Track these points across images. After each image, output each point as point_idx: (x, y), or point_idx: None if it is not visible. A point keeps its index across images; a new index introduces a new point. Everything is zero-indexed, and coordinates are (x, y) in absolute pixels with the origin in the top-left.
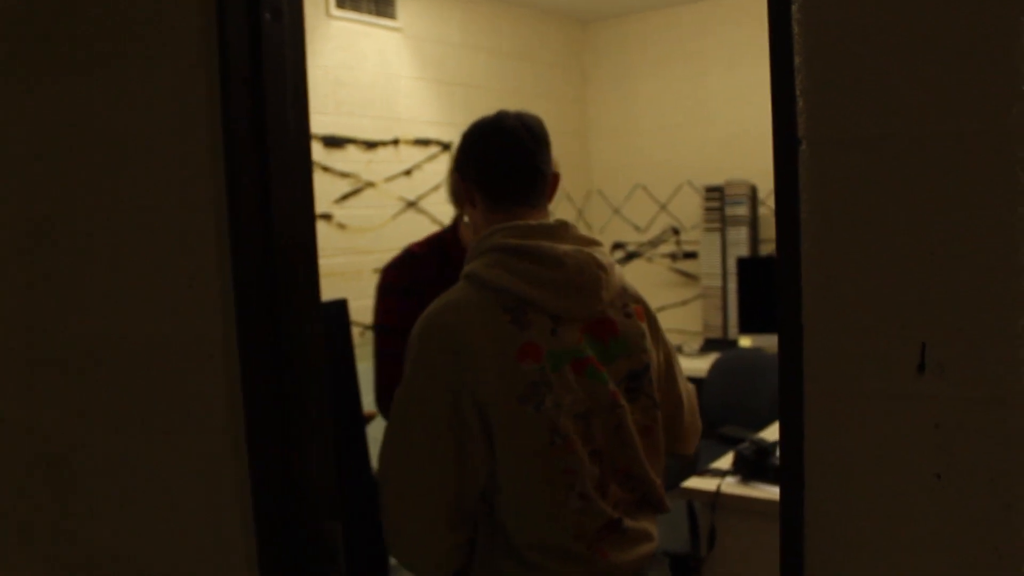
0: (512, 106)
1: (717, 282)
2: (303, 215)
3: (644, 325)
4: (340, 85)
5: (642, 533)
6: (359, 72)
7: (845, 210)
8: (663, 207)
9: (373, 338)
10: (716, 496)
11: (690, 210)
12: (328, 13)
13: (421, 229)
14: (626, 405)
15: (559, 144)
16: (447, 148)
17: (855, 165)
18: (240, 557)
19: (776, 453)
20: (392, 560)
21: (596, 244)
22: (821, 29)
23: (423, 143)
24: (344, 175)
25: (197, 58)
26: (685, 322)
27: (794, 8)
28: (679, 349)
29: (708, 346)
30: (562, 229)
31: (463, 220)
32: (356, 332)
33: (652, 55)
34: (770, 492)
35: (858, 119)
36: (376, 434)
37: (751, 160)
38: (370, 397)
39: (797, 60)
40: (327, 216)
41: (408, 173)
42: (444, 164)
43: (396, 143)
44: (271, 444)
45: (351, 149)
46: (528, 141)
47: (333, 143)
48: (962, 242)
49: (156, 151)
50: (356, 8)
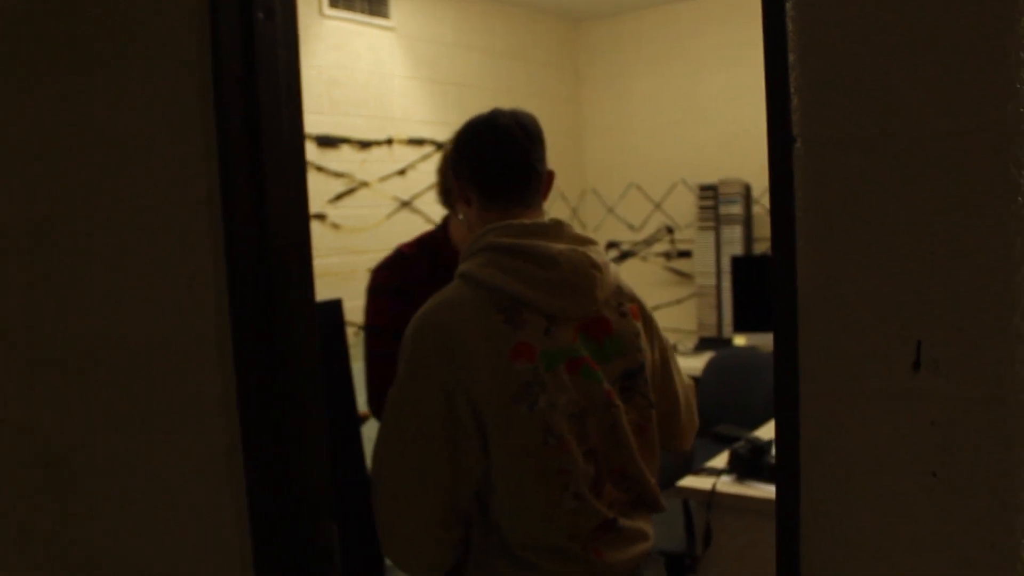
0: (506, 105)
1: (711, 281)
2: (297, 215)
3: (639, 324)
4: (334, 84)
5: (637, 532)
6: (352, 71)
7: (840, 208)
8: (657, 206)
9: (364, 339)
10: (712, 495)
11: (684, 209)
12: (321, 12)
13: (415, 229)
14: (621, 404)
15: (553, 143)
16: (441, 148)
17: (850, 163)
18: (236, 557)
19: (771, 451)
20: (387, 560)
21: (591, 243)
22: (815, 27)
23: (417, 142)
24: (338, 175)
25: (190, 57)
26: (679, 321)
27: (788, 6)
28: (674, 348)
29: (702, 345)
30: (557, 228)
31: (453, 219)
32: (351, 332)
33: (646, 54)
34: (765, 491)
35: (853, 117)
36: (371, 434)
37: (745, 159)
38: (364, 397)
39: (791, 58)
40: (321, 216)
41: (402, 173)
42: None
43: (390, 143)
44: (266, 444)
45: (345, 149)
46: (522, 139)
47: (327, 143)
48: (957, 240)
49: (154, 151)
50: (349, 7)
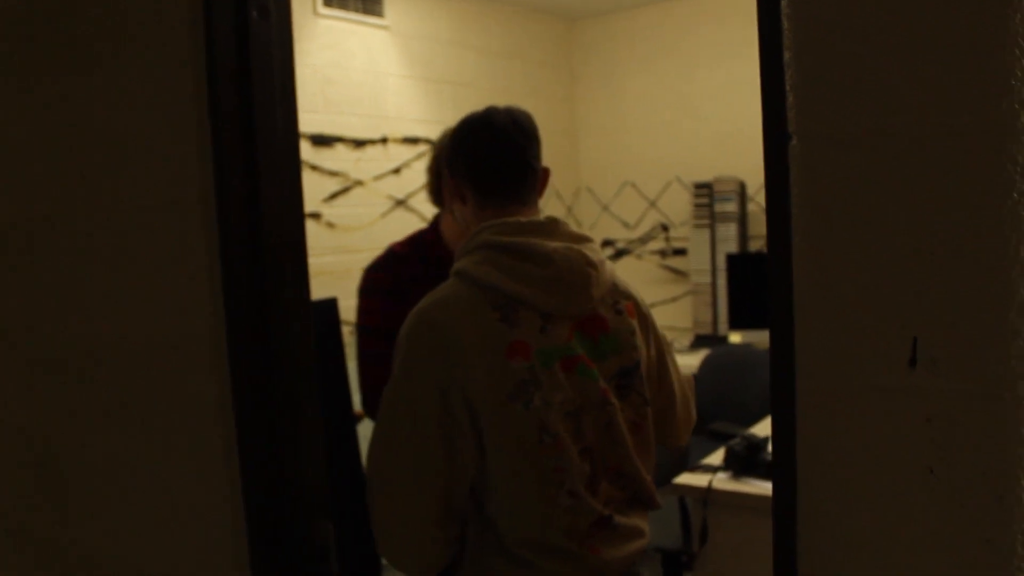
0: (501, 104)
1: (707, 278)
2: (292, 214)
3: (635, 322)
4: (328, 83)
5: (633, 530)
6: (347, 70)
7: (836, 205)
8: (652, 204)
9: (356, 340)
10: (708, 492)
11: (679, 207)
12: (315, 11)
13: (410, 227)
14: (616, 402)
15: (548, 142)
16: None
17: (845, 160)
18: (232, 556)
19: (767, 448)
20: (384, 559)
21: (587, 240)
22: (811, 24)
23: (411, 141)
24: (333, 174)
25: (185, 56)
26: (675, 319)
27: (783, 3)
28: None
29: (698, 342)
30: (552, 226)
31: (445, 218)
32: (346, 331)
33: (640, 52)
34: (761, 487)
35: (848, 114)
36: (367, 433)
37: (740, 156)
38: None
39: (787, 55)
40: (316, 215)
41: (397, 171)
42: None
43: (384, 141)
44: (262, 443)
45: (339, 148)
46: (518, 137)
47: (321, 142)
48: (952, 236)
49: (150, 151)
50: (343, 6)
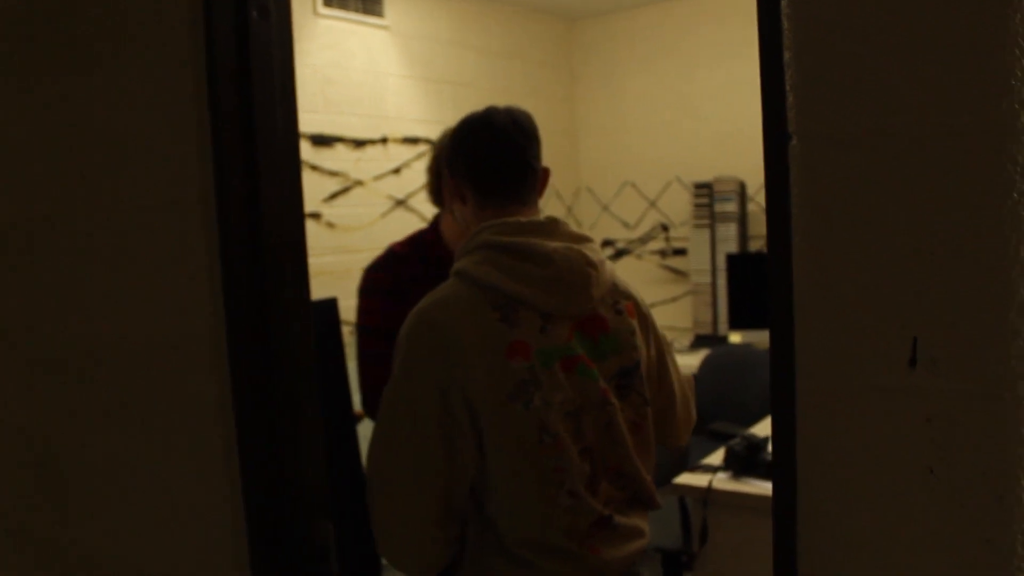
0: (501, 104)
1: (707, 278)
2: (292, 214)
3: (634, 322)
4: (328, 83)
5: (633, 530)
6: (347, 70)
7: (836, 205)
8: (652, 204)
9: (356, 341)
10: (708, 492)
11: (679, 207)
12: (315, 12)
13: (410, 227)
14: (616, 403)
15: (548, 142)
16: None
17: (846, 160)
18: (232, 557)
19: (767, 448)
20: (384, 559)
21: (587, 240)
22: (811, 24)
23: (412, 141)
24: (332, 174)
25: (185, 56)
26: (675, 319)
27: (783, 3)
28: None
29: (698, 342)
30: (552, 226)
31: (444, 217)
32: (346, 331)
33: (640, 52)
34: (761, 487)
35: (849, 114)
36: (367, 433)
37: (740, 156)
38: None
39: (787, 55)
40: (316, 215)
41: (397, 171)
42: None
43: (384, 141)
44: (262, 443)
45: (339, 148)
46: (518, 137)
47: (321, 142)
48: (953, 237)
49: (151, 151)
50: (343, 6)
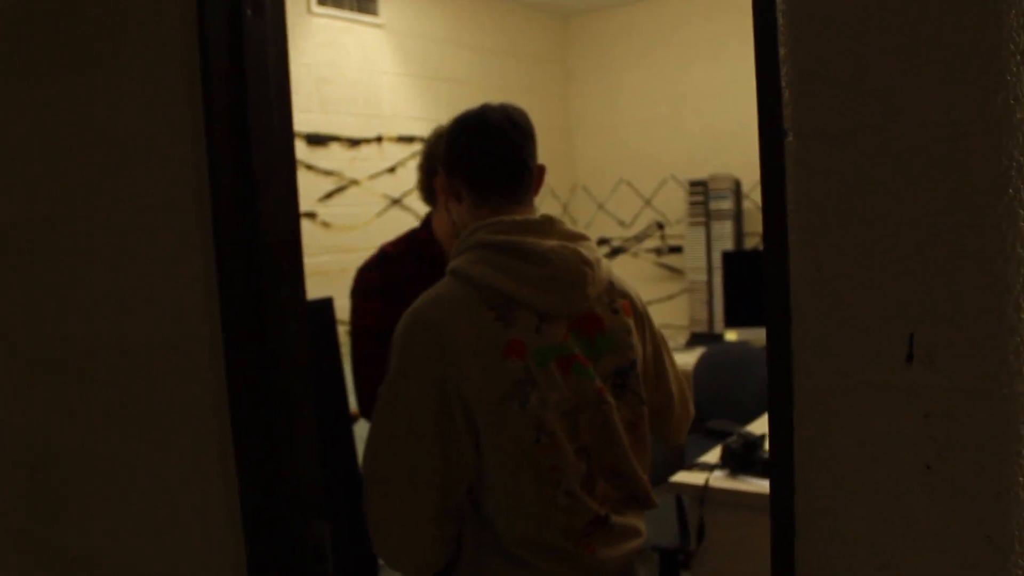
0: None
1: (702, 276)
2: (287, 213)
3: (631, 321)
4: (322, 82)
5: (630, 529)
6: (341, 69)
7: (832, 202)
8: (647, 202)
9: (350, 342)
10: (704, 490)
11: (674, 205)
12: (310, 10)
13: (406, 226)
14: (612, 401)
15: (543, 139)
16: None
17: (841, 157)
18: (229, 557)
19: (763, 446)
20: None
21: (583, 239)
22: (806, 20)
23: (407, 140)
24: (328, 173)
25: (179, 55)
26: (671, 317)
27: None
28: None
29: (694, 340)
30: (547, 224)
31: (436, 215)
32: (342, 331)
33: (635, 49)
34: (758, 485)
35: (844, 110)
36: (363, 433)
37: (735, 154)
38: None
39: (782, 51)
40: (311, 214)
41: (392, 170)
42: None
43: (379, 140)
44: (257, 443)
45: (334, 147)
46: (513, 135)
47: (316, 141)
48: (949, 232)
49: (147, 150)
50: (338, 5)
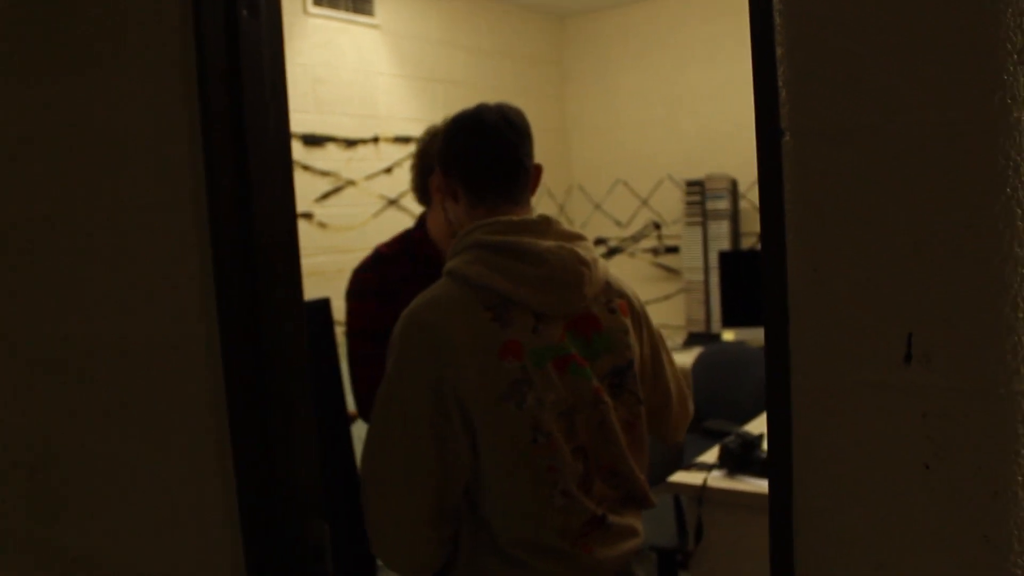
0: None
1: (699, 276)
2: (284, 214)
3: (627, 320)
4: (318, 83)
5: (627, 529)
6: (337, 70)
7: (829, 201)
8: (644, 202)
9: (347, 344)
10: (702, 490)
11: (671, 205)
12: (306, 10)
13: (402, 227)
14: (609, 401)
15: (539, 140)
16: None
17: (839, 156)
18: (227, 557)
19: (761, 446)
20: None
21: (580, 239)
22: (803, 20)
23: (403, 140)
24: (324, 173)
25: (176, 56)
26: (668, 316)
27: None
28: None
29: (691, 340)
30: (544, 224)
31: (431, 215)
32: (338, 331)
33: (631, 49)
34: (756, 485)
35: (841, 110)
36: (361, 433)
37: (731, 154)
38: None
39: (779, 51)
40: (307, 215)
41: (388, 171)
42: None
43: (376, 141)
44: (255, 444)
45: (331, 147)
46: (509, 134)
47: (312, 141)
48: (947, 232)
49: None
50: (333, 5)
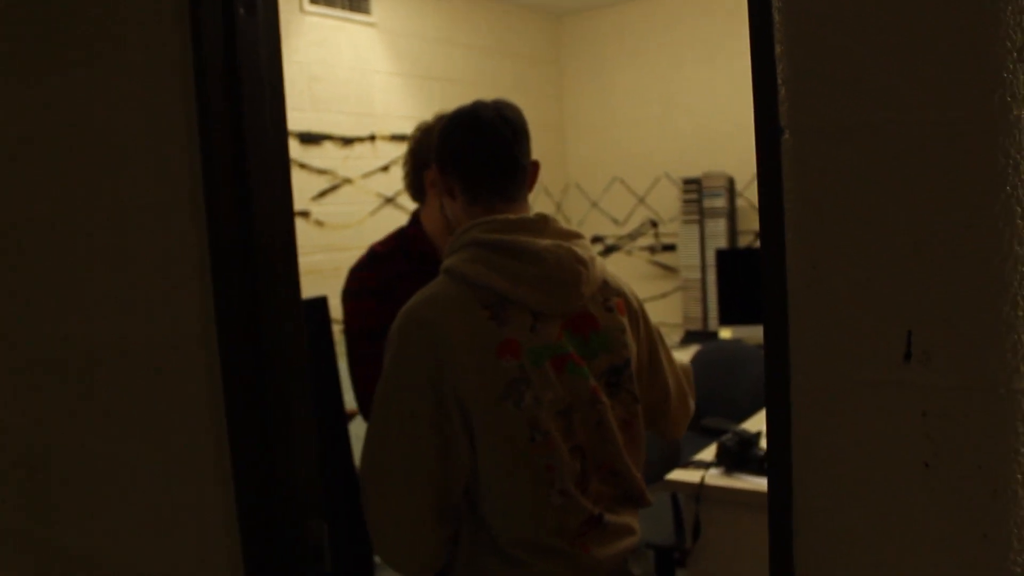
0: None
1: (696, 274)
2: (282, 213)
3: (624, 319)
4: (315, 81)
5: (624, 527)
6: (334, 68)
7: (829, 200)
8: (641, 200)
9: (346, 345)
10: (700, 488)
11: (668, 203)
12: (302, 9)
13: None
14: (607, 401)
15: (536, 138)
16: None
17: (838, 154)
18: (226, 557)
19: (759, 444)
20: (377, 559)
21: (577, 237)
22: (802, 17)
23: (400, 139)
24: (321, 172)
25: (174, 55)
26: (665, 314)
27: None
28: None
29: (688, 338)
30: (542, 223)
31: (425, 212)
32: (336, 330)
33: (628, 47)
34: (754, 483)
35: (841, 108)
36: (360, 432)
37: (728, 152)
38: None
39: (778, 49)
40: (304, 213)
41: (385, 169)
42: None
43: (373, 139)
44: (254, 443)
45: (327, 145)
46: (505, 131)
47: (309, 140)
48: (947, 230)
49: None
50: (330, 3)
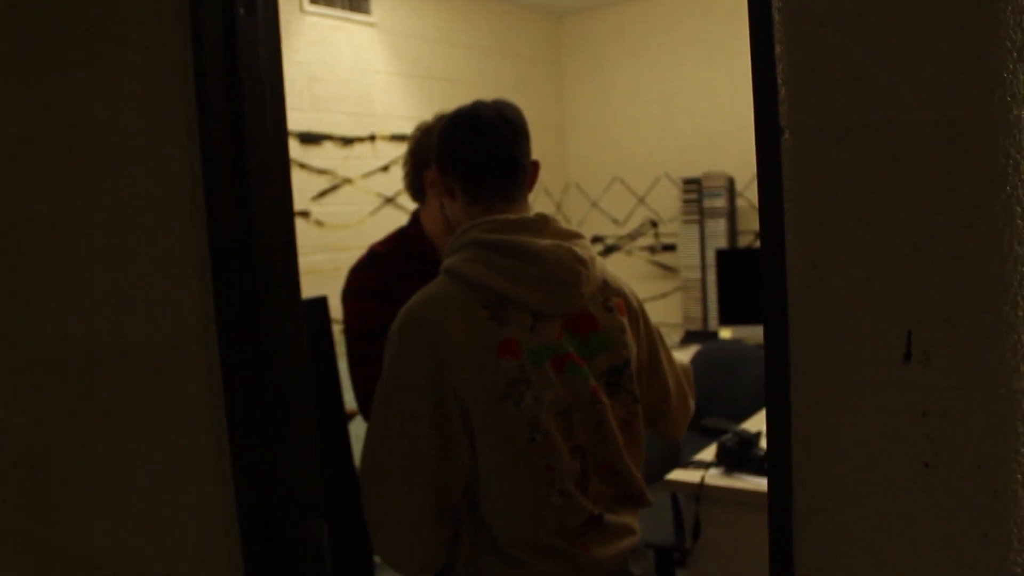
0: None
1: (696, 274)
2: (282, 213)
3: (624, 319)
4: (315, 81)
5: (624, 527)
6: (334, 68)
7: (829, 200)
8: (641, 200)
9: (346, 345)
10: (700, 488)
11: (668, 203)
12: (302, 9)
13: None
14: (607, 401)
15: (536, 138)
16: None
17: (838, 154)
18: (226, 557)
19: (759, 444)
20: (377, 559)
21: (577, 237)
22: (802, 17)
23: (400, 139)
24: (321, 172)
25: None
26: (665, 314)
27: None
28: None
29: (688, 338)
30: (542, 223)
31: (424, 211)
32: (336, 330)
33: (628, 47)
34: (754, 483)
35: (841, 108)
36: (359, 432)
37: (728, 152)
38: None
39: (778, 49)
40: (304, 213)
41: (385, 169)
42: None
43: (373, 139)
44: (254, 443)
45: (327, 145)
46: (505, 131)
47: (309, 140)
48: (947, 230)
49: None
50: (330, 3)
